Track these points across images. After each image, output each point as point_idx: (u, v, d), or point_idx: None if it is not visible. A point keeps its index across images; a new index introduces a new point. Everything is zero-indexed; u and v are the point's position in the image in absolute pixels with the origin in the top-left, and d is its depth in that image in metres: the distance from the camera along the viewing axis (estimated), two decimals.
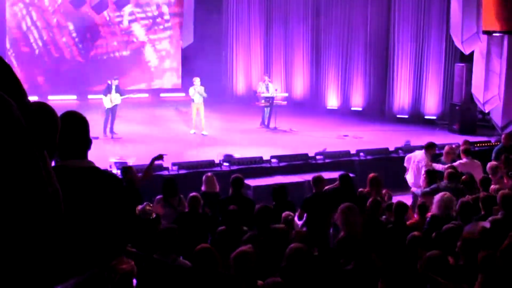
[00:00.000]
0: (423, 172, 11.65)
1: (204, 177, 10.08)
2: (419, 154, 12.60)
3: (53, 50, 22.52)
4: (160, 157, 10.47)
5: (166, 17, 24.52)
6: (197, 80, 18.34)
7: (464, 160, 11.90)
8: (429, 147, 12.52)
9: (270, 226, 7.45)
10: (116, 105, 17.34)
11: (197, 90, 18.16)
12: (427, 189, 10.33)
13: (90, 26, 22.93)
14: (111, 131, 17.36)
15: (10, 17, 21.81)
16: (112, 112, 17.31)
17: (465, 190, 9.84)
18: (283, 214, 8.19)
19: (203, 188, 9.91)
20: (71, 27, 22.64)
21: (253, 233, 7.40)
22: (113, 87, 17.36)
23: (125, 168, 10.05)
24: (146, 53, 24.38)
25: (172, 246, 6.60)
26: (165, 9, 24.41)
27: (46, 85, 22.21)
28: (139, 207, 8.38)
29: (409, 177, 12.54)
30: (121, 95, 17.45)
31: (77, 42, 22.90)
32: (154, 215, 8.24)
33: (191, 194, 8.78)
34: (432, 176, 10.53)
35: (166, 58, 24.77)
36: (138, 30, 24.08)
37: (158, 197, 9.57)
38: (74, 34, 22.75)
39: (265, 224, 7.41)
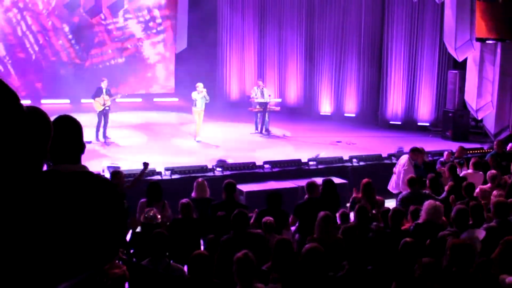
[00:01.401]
0: (402, 174, 12.21)
1: (195, 183, 10.02)
2: (404, 158, 12.86)
3: (50, 53, 22.39)
4: (146, 166, 10.53)
5: (158, 20, 24.49)
6: (200, 86, 17.82)
7: (470, 171, 12.02)
8: (413, 151, 12.72)
9: (246, 230, 7.44)
10: (107, 109, 17.17)
11: (200, 96, 17.66)
12: (398, 200, 10.44)
13: (85, 33, 22.90)
14: (104, 135, 17.24)
15: (5, 23, 21.65)
16: (104, 116, 17.14)
17: (429, 196, 9.97)
18: (263, 219, 8.14)
19: (193, 194, 9.88)
20: (66, 29, 22.59)
21: (228, 237, 7.40)
22: (104, 90, 17.22)
23: (115, 173, 10.08)
24: (140, 58, 24.36)
25: (164, 251, 6.59)
26: (156, 12, 24.37)
27: (44, 91, 22.12)
28: (143, 214, 8.37)
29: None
30: (110, 97, 17.26)
31: (74, 44, 22.81)
32: (159, 220, 8.23)
33: (182, 201, 8.74)
34: (412, 182, 10.58)
35: (160, 63, 24.74)
36: (132, 36, 24.06)
37: (142, 200, 9.54)
38: (70, 36, 22.68)
39: (241, 228, 7.42)
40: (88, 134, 16.26)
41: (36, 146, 2.57)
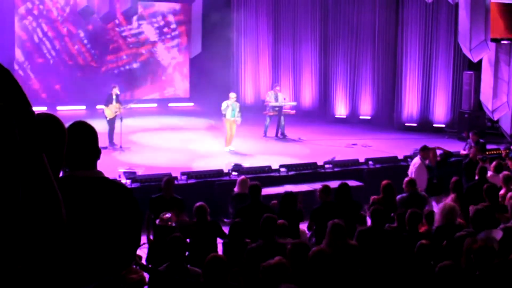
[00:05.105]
0: (413, 174, 12.17)
1: (238, 179, 10.57)
2: (416, 158, 12.91)
3: (67, 58, 22.67)
4: None
5: (173, 25, 24.59)
6: (232, 96, 17.35)
7: (491, 173, 12.00)
8: (422, 150, 12.73)
9: (276, 240, 7.31)
10: (115, 116, 16.81)
11: (229, 104, 17.07)
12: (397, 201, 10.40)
13: (100, 40, 23.14)
14: (112, 142, 16.91)
15: (21, 31, 21.97)
16: (113, 123, 16.87)
17: (426, 198, 9.96)
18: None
19: (236, 189, 10.36)
20: (81, 34, 22.85)
21: (259, 244, 7.30)
22: (114, 96, 16.97)
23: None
24: (155, 63, 24.46)
25: (181, 255, 6.59)
26: (171, 18, 24.50)
27: (63, 93, 22.35)
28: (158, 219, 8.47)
29: None
30: (121, 104, 17.04)
31: (89, 48, 23.07)
32: (173, 223, 8.26)
33: (196, 204, 8.72)
34: (411, 184, 10.59)
35: (174, 68, 24.81)
36: (147, 41, 24.21)
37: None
38: (85, 41, 22.96)
39: (270, 235, 7.27)
40: (104, 140, 16.30)
41: (52, 153, 2.60)
